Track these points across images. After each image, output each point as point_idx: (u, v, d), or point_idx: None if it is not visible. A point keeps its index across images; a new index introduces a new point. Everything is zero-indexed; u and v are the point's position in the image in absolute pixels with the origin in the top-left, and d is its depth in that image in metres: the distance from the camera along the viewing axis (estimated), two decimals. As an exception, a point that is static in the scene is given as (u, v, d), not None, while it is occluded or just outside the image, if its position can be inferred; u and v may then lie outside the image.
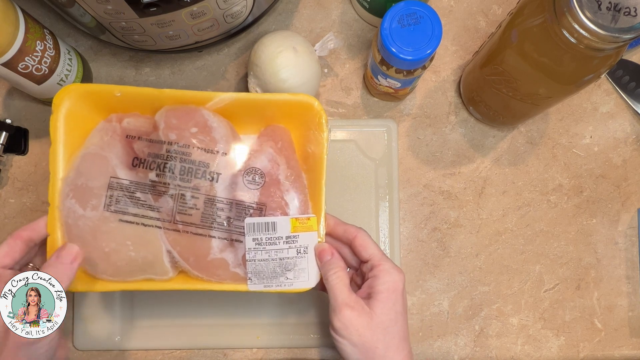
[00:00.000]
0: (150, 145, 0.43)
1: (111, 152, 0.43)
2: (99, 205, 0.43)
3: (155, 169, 0.43)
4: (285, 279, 0.43)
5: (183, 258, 0.43)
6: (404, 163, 0.57)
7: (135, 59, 0.58)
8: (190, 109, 0.44)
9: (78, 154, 0.44)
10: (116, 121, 0.44)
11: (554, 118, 0.58)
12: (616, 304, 0.56)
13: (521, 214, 0.57)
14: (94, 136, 0.44)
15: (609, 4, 0.35)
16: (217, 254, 0.43)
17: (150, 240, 0.43)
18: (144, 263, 0.43)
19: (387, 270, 0.40)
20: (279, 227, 0.43)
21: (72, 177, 0.43)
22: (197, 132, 0.43)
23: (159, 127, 0.43)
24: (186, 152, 0.42)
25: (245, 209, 0.43)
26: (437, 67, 0.58)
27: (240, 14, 0.49)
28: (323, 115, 0.44)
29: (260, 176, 0.43)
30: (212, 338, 0.54)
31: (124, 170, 0.43)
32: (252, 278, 0.43)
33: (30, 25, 0.46)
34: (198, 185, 0.43)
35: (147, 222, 0.43)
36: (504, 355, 0.55)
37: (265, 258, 0.43)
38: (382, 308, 0.38)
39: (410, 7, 0.45)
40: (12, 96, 0.57)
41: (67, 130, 0.43)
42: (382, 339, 0.38)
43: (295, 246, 0.43)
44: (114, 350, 0.54)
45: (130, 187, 0.43)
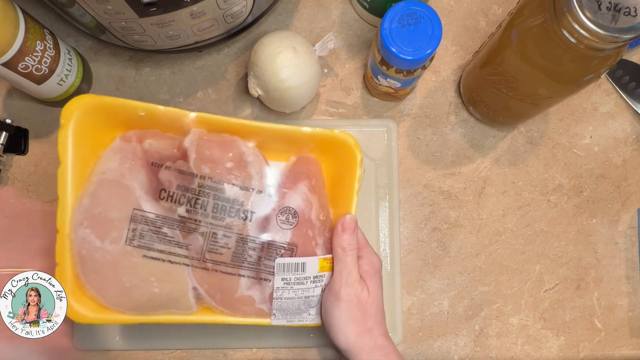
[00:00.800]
0: (180, 176, 0.40)
1: (134, 181, 0.40)
2: (120, 239, 0.40)
3: (186, 204, 0.40)
4: (308, 314, 0.44)
5: (210, 295, 0.42)
6: (404, 163, 0.57)
7: (135, 59, 0.58)
8: (226, 140, 0.41)
9: (93, 178, 0.40)
10: (136, 141, 0.41)
11: (554, 118, 0.58)
12: (616, 304, 0.56)
13: (521, 214, 0.57)
14: (110, 158, 0.40)
15: (609, 4, 0.35)
16: (244, 291, 0.42)
17: (177, 277, 0.41)
18: (167, 299, 0.41)
19: (370, 253, 0.44)
20: (308, 267, 0.43)
21: (87, 204, 0.39)
22: (232, 167, 0.40)
23: (189, 156, 0.40)
24: (220, 188, 0.40)
25: (277, 249, 0.42)
26: (437, 67, 0.58)
27: (240, 14, 0.49)
28: (359, 155, 0.43)
29: (294, 216, 0.42)
30: (212, 338, 0.54)
31: (149, 202, 0.40)
32: (276, 314, 0.43)
33: (30, 25, 0.46)
34: (231, 224, 0.41)
35: (175, 260, 0.41)
36: (504, 355, 0.55)
37: (292, 297, 0.43)
38: (373, 285, 0.42)
39: (410, 7, 0.45)
40: (12, 96, 0.57)
41: (77, 147, 0.39)
42: (374, 310, 0.42)
43: (321, 285, 0.43)
44: (114, 350, 0.54)
45: (157, 221, 0.40)
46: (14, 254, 0.55)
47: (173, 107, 0.42)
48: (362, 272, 0.43)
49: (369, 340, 0.41)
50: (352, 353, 0.41)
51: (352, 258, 0.42)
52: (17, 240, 0.55)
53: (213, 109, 0.57)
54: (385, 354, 0.41)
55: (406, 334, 0.55)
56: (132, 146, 0.40)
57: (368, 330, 0.41)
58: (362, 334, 0.41)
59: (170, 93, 0.58)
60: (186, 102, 0.57)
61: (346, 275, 0.42)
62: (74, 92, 0.54)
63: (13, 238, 0.55)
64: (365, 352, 0.41)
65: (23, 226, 0.55)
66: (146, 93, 0.57)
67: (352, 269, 0.42)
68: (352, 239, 0.42)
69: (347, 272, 0.42)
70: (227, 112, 0.57)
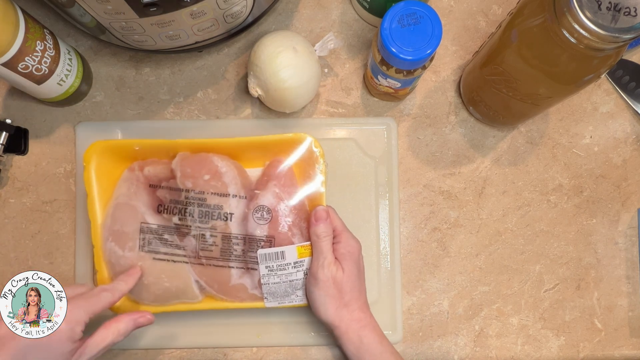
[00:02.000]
0: (171, 192, 0.49)
1: (139, 201, 0.50)
2: (135, 247, 0.50)
3: (177, 213, 0.49)
4: (296, 296, 0.50)
5: (209, 285, 0.50)
6: (404, 163, 0.57)
7: (135, 59, 0.58)
8: (202, 157, 0.50)
9: (111, 203, 0.51)
10: (138, 169, 0.51)
11: (554, 118, 0.58)
12: (616, 304, 0.56)
13: (521, 214, 0.57)
14: (121, 186, 0.51)
15: (609, 4, 0.35)
16: (237, 280, 0.50)
17: (180, 273, 0.50)
18: (177, 291, 0.50)
19: (347, 237, 0.49)
20: (287, 255, 0.49)
21: (109, 223, 0.50)
22: (209, 179, 0.49)
23: (176, 175, 0.49)
24: (202, 197, 0.49)
25: (257, 242, 0.49)
26: (437, 67, 0.58)
27: (240, 14, 0.49)
28: (318, 150, 0.50)
29: (267, 212, 0.49)
30: (212, 337, 0.54)
31: (151, 215, 0.50)
32: (267, 297, 0.50)
33: (30, 25, 0.46)
34: (215, 225, 0.49)
35: (176, 259, 0.50)
36: (504, 355, 0.55)
37: (277, 281, 0.49)
38: (347, 266, 0.47)
39: (410, 7, 0.45)
40: (12, 96, 0.57)
41: (98, 181, 0.50)
42: (349, 287, 0.47)
43: (302, 269, 0.49)
44: (114, 350, 0.54)
45: (159, 230, 0.50)
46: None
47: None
48: (339, 255, 0.48)
49: (346, 313, 0.47)
50: (333, 325, 0.47)
51: (327, 243, 0.47)
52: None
53: (213, 109, 0.57)
54: (361, 326, 0.47)
55: (406, 334, 0.55)
56: (135, 174, 0.51)
57: (345, 304, 0.47)
58: (340, 308, 0.47)
59: (170, 93, 0.58)
60: (186, 102, 0.57)
61: (322, 259, 0.47)
62: (74, 92, 0.54)
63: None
64: (344, 323, 0.47)
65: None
66: (146, 93, 0.57)
67: (327, 253, 0.47)
68: (325, 227, 0.48)
69: (322, 256, 0.47)
70: (227, 112, 0.57)
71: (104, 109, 0.57)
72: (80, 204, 0.55)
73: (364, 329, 0.47)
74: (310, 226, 0.48)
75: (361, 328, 0.47)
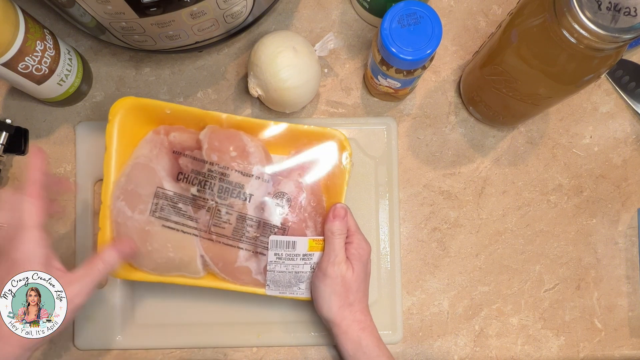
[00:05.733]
0: (194, 162, 0.49)
1: (159, 165, 0.49)
2: (146, 210, 0.48)
3: (197, 185, 0.48)
4: (298, 288, 0.50)
5: (214, 262, 0.49)
6: (404, 163, 0.57)
7: (135, 59, 0.58)
8: (231, 133, 0.49)
9: (129, 162, 0.49)
10: (164, 134, 0.50)
11: (554, 118, 0.58)
12: (616, 304, 0.56)
13: (521, 214, 0.57)
14: (143, 147, 0.49)
15: (609, 4, 0.35)
16: (242, 262, 0.49)
17: (188, 245, 0.49)
18: (180, 263, 0.49)
19: (360, 239, 0.49)
20: (298, 245, 0.49)
21: (123, 182, 0.49)
22: (236, 156, 0.48)
23: (202, 146, 0.48)
24: (225, 173, 0.48)
25: (271, 228, 0.49)
26: (437, 67, 0.58)
27: (240, 14, 0.49)
28: (348, 149, 0.50)
29: (287, 200, 0.49)
30: (212, 337, 0.54)
31: (169, 182, 0.49)
32: (270, 285, 0.49)
33: (30, 25, 0.46)
34: (232, 203, 0.48)
35: (186, 230, 0.48)
36: (504, 355, 0.55)
37: (283, 270, 0.49)
38: (357, 267, 0.48)
39: (410, 7, 0.45)
40: (12, 96, 0.57)
41: (119, 138, 0.49)
42: (355, 288, 0.47)
43: (310, 263, 0.49)
44: (115, 350, 0.54)
45: (174, 198, 0.49)
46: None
47: None
48: (350, 254, 0.48)
49: (349, 313, 0.47)
50: (334, 323, 0.48)
51: (340, 241, 0.48)
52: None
53: (213, 109, 0.57)
54: (361, 328, 0.47)
55: (406, 334, 0.55)
56: (160, 138, 0.50)
57: (349, 304, 0.47)
58: (344, 307, 0.47)
59: (170, 93, 0.58)
60: (186, 102, 0.57)
61: (333, 256, 0.47)
62: (74, 92, 0.54)
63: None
64: (345, 323, 0.47)
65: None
66: (146, 93, 0.57)
67: (339, 250, 0.47)
68: (341, 225, 0.48)
69: (334, 253, 0.47)
70: (227, 112, 0.57)
71: (104, 109, 0.57)
72: (80, 204, 0.55)
73: (363, 330, 0.47)
74: (326, 222, 0.48)
75: (361, 330, 0.47)
